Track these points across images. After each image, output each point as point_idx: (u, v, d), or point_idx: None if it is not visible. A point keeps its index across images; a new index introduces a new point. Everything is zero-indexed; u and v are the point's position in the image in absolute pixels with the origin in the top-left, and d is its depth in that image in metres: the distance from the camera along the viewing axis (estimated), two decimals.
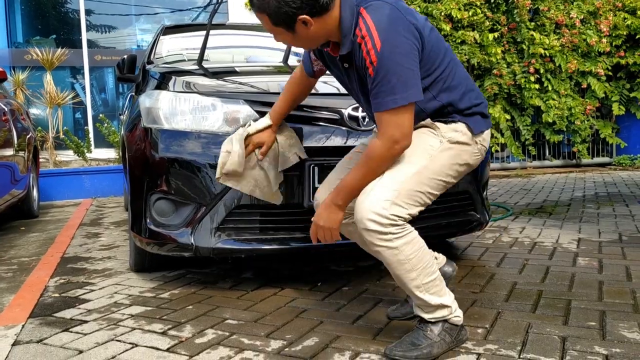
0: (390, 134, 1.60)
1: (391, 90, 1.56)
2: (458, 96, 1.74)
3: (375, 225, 1.59)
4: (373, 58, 1.55)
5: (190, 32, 4.14)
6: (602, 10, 8.57)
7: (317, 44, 1.71)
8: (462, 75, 1.79)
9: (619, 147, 9.08)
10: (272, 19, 1.60)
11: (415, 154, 1.69)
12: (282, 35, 1.67)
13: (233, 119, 2.36)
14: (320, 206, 1.77)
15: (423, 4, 7.67)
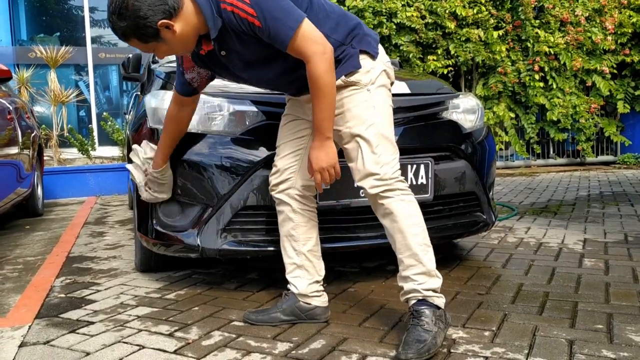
0: (312, 50, 1.71)
1: (282, 23, 1.68)
2: (334, 22, 1.87)
3: (384, 187, 1.81)
4: (250, 11, 1.67)
5: None
6: (607, 8, 8.53)
7: (192, 42, 1.78)
8: (333, 8, 1.92)
9: (624, 146, 9.05)
10: (140, 38, 1.70)
11: (364, 117, 1.85)
12: (158, 49, 1.76)
13: (240, 120, 2.35)
14: (312, 152, 1.84)
15: (427, 1, 7.65)
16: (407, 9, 7.52)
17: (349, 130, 1.86)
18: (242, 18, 1.69)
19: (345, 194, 2.30)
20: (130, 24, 1.66)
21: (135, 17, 1.65)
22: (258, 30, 1.71)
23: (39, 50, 6.73)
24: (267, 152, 2.26)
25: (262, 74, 1.93)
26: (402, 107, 2.44)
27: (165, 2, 1.66)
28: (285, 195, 2.05)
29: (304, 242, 2.05)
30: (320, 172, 1.84)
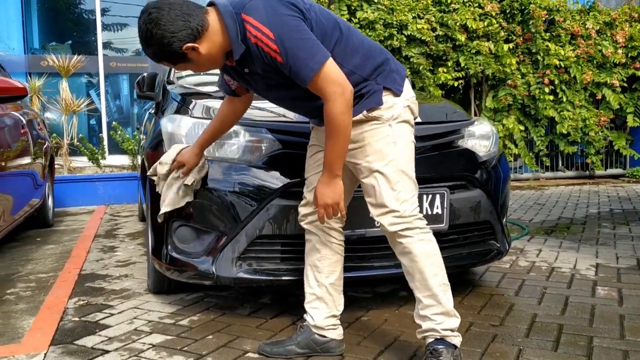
0: (332, 91, 1.72)
1: (304, 63, 1.69)
2: (361, 57, 1.87)
3: (403, 225, 1.82)
4: (273, 47, 1.69)
5: None
6: (618, 21, 8.52)
7: (219, 61, 1.83)
8: (362, 42, 1.91)
9: (633, 159, 9.01)
10: (169, 60, 1.77)
11: (384, 152, 1.85)
12: (188, 67, 1.83)
13: (255, 148, 2.36)
14: (319, 187, 1.86)
15: (438, 14, 7.65)
16: (417, 21, 7.52)
17: (369, 165, 1.86)
18: (265, 52, 1.71)
19: (360, 224, 2.30)
20: (157, 51, 1.74)
21: (161, 44, 1.71)
22: (280, 65, 1.73)
23: (52, 59, 6.76)
24: (283, 181, 2.26)
25: (283, 96, 1.96)
26: (418, 136, 2.43)
27: (189, 27, 1.70)
28: (314, 226, 2.06)
29: (327, 274, 2.05)
30: (324, 208, 1.86)
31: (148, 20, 1.70)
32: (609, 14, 8.58)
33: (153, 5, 1.72)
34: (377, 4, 7.39)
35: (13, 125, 4.07)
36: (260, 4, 1.72)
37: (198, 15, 1.72)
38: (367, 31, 7.26)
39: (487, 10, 7.82)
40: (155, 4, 1.72)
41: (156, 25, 1.68)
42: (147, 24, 1.70)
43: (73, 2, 7.90)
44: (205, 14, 1.75)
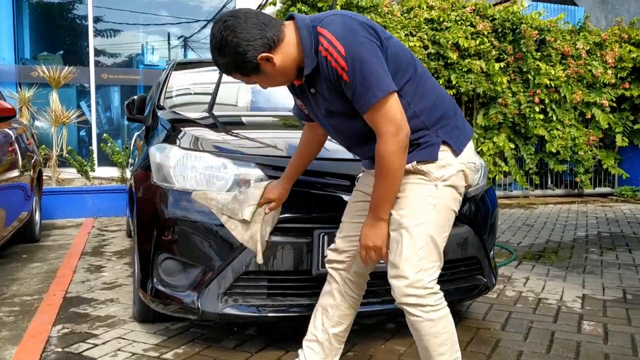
0: (386, 129, 1.66)
1: (368, 87, 1.63)
2: (430, 103, 1.79)
3: (414, 299, 1.71)
4: (342, 64, 1.63)
5: (202, 68, 4.14)
6: (608, 42, 8.62)
7: (290, 76, 1.77)
8: (433, 86, 1.84)
9: (621, 178, 9.09)
10: (241, 72, 1.73)
11: (420, 211, 1.74)
12: (260, 81, 1.78)
13: (244, 182, 2.35)
14: (364, 227, 1.80)
15: (430, 32, 7.69)
16: (410, 39, 7.56)
17: (399, 219, 1.76)
18: (333, 67, 1.66)
19: None
20: (231, 60, 1.69)
21: (235, 53, 1.67)
22: (344, 84, 1.68)
23: (42, 70, 6.72)
24: None
25: (341, 127, 1.87)
26: None
27: (264, 36, 1.66)
28: (338, 274, 2.03)
29: (334, 324, 2.04)
30: (365, 250, 1.81)
31: (224, 28, 1.66)
32: (599, 35, 8.68)
33: (229, 14, 1.69)
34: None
35: (2, 141, 4.04)
36: (339, 20, 1.68)
37: (274, 25, 1.70)
38: None
39: (479, 29, 7.88)
40: (231, 13, 1.70)
41: (232, 33, 1.65)
42: (223, 31, 1.66)
43: (65, 12, 7.87)
44: (282, 25, 1.73)
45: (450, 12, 7.90)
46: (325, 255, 2.11)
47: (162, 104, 3.32)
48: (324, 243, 2.24)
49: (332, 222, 2.28)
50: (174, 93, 3.58)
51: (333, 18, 1.69)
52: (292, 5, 7.09)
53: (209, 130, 2.74)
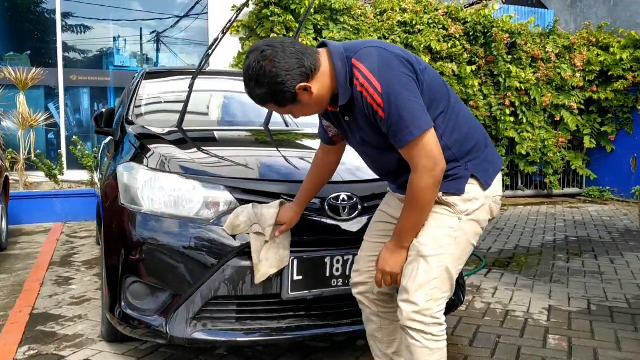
0: (422, 164, 1.65)
1: (405, 125, 1.62)
2: (462, 135, 1.79)
3: (419, 325, 1.70)
4: (378, 100, 1.63)
5: (173, 77, 4.09)
6: (576, 45, 8.76)
7: (325, 104, 1.77)
8: (466, 118, 1.84)
9: (589, 179, 9.29)
10: (277, 103, 1.70)
11: (440, 242, 1.74)
12: (296, 111, 1.76)
13: (213, 205, 2.33)
14: (384, 251, 1.82)
15: (403, 34, 7.73)
16: None
17: (419, 245, 1.75)
18: (369, 103, 1.66)
19: (317, 285, 2.30)
20: (269, 91, 1.66)
21: (273, 83, 1.64)
22: (380, 120, 1.67)
23: (8, 72, 6.56)
24: (240, 242, 2.24)
25: (375, 156, 1.88)
26: (376, 194, 2.45)
27: (302, 65, 1.65)
28: (365, 298, 2.05)
29: (387, 344, 2.08)
30: (382, 274, 1.83)
31: (261, 58, 1.63)
32: (568, 38, 8.83)
33: (265, 44, 1.67)
34: (343, 23, 7.42)
35: None
36: (375, 53, 1.66)
37: (311, 54, 1.68)
38: None
39: (451, 32, 7.95)
40: (267, 42, 1.67)
41: (271, 63, 1.62)
42: (260, 61, 1.63)
43: (33, 12, 7.68)
44: (317, 54, 1.71)
45: (423, 14, 7.95)
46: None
47: (130, 118, 3.27)
48: (293, 268, 2.24)
49: (301, 246, 2.29)
50: (143, 105, 3.53)
51: (369, 51, 1.67)
52: (265, 8, 7.05)
53: (178, 148, 2.71)
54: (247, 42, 7.32)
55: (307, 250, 2.28)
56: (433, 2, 8.23)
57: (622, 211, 7.69)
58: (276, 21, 7.01)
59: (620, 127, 8.88)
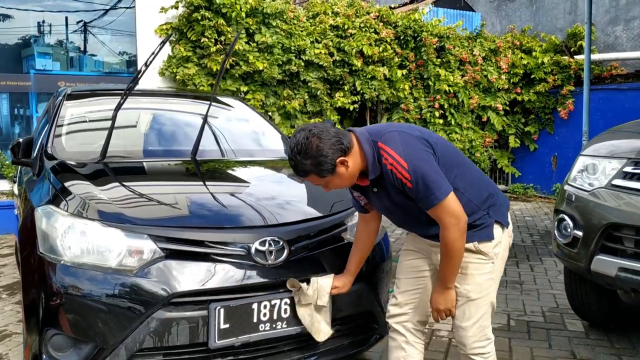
0: (448, 221, 2.01)
1: (430, 192, 1.98)
2: (477, 188, 2.18)
3: (480, 349, 2.18)
4: (406, 175, 1.99)
5: (97, 99, 3.93)
6: (502, 48, 9.09)
7: (355, 176, 2.10)
8: (476, 174, 2.23)
9: (514, 176, 9.72)
10: (319, 174, 2.03)
11: (483, 286, 2.17)
12: (332, 182, 2.08)
13: (136, 254, 2.29)
14: (434, 295, 2.18)
15: (336, 39, 7.78)
16: (315, 46, 7.61)
17: (467, 293, 2.16)
18: (398, 178, 2.00)
19: (244, 331, 2.31)
20: (314, 162, 1.99)
21: (319, 155, 1.98)
22: (408, 190, 2.01)
23: None
24: (166, 292, 2.22)
25: (404, 217, 2.23)
26: (303, 235, 2.49)
27: (341, 142, 2.00)
28: (402, 326, 2.31)
29: None
30: (437, 312, 2.18)
31: (310, 135, 1.98)
32: (494, 41, 9.14)
33: (311, 125, 2.03)
34: (275, 27, 7.38)
35: None
36: (398, 137, 2.03)
37: (345, 135, 2.04)
38: (265, 55, 7.25)
39: (383, 36, 8.07)
40: (313, 125, 2.04)
41: (318, 139, 1.97)
42: (310, 137, 1.97)
43: None
44: (350, 135, 2.06)
45: (355, 18, 8.02)
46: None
47: (50, 150, 3.13)
48: (220, 317, 2.24)
49: (228, 293, 2.29)
50: (64, 133, 3.38)
51: (392, 135, 2.04)
52: (195, 11, 6.91)
53: (101, 188, 2.63)
54: (176, 45, 7.15)
55: (234, 297, 2.29)
56: (365, 5, 8.32)
57: (544, 209, 8.10)
58: (207, 25, 6.89)
59: (542, 127, 9.31)
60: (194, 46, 7.10)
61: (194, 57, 7.05)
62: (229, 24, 7.07)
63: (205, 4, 6.89)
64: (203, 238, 2.32)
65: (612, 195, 2.84)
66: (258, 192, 2.96)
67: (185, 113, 3.99)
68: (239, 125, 3.94)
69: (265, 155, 3.57)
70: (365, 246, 2.43)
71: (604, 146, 3.15)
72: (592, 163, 3.06)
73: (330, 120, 8.05)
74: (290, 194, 3.02)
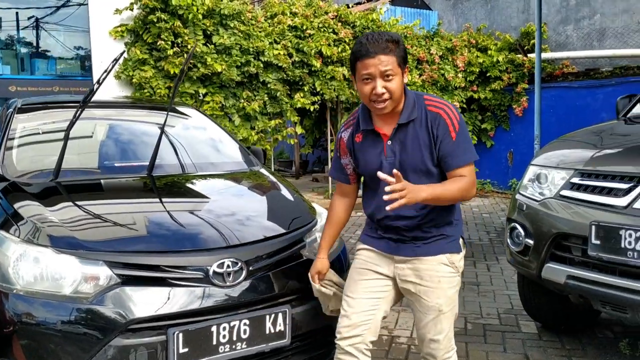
0: (472, 180, 2.09)
1: (469, 148, 2.08)
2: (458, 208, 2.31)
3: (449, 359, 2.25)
4: (455, 124, 2.05)
5: (51, 111, 3.81)
6: (458, 47, 9.24)
7: (399, 99, 2.08)
8: None
9: None
10: (400, 58, 2.03)
11: (452, 299, 2.22)
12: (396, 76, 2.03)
13: (91, 280, 2.26)
14: (417, 188, 1.96)
15: (294, 39, 7.77)
16: (274, 47, 7.58)
17: (439, 307, 2.18)
18: (445, 123, 2.04)
19: (204, 354, 2.31)
20: (402, 47, 2.07)
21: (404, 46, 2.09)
22: (443, 141, 2.04)
23: None
24: (124, 320, 2.20)
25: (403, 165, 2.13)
26: (261, 255, 2.50)
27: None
28: (354, 348, 2.24)
29: None
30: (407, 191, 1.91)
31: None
32: (451, 40, 9.29)
33: None
34: (233, 28, 7.32)
35: None
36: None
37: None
38: (223, 56, 7.19)
39: (341, 37, 8.10)
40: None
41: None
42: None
43: None
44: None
45: (313, 18, 8.02)
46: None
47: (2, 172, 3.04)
48: (178, 342, 2.24)
49: (186, 317, 2.29)
50: (15, 147, 3.29)
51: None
52: (151, 13, 6.79)
53: (54, 211, 2.58)
54: (132, 47, 7.02)
55: (193, 321, 2.29)
56: (323, 5, 8.33)
57: (501, 205, 8.31)
58: (163, 27, 6.79)
59: (498, 124, 9.53)
60: (150, 48, 6.98)
61: (150, 60, 6.94)
62: (185, 25, 6.98)
63: (161, 6, 6.79)
64: (160, 263, 2.31)
65: (560, 206, 2.94)
66: (217, 209, 2.96)
67: (142, 124, 3.92)
68: (197, 135, 3.90)
69: (224, 167, 3.55)
70: (340, 220, 2.43)
71: (553, 155, 3.26)
72: (541, 172, 3.16)
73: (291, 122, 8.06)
74: (250, 208, 3.02)
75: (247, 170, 3.55)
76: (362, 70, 2.04)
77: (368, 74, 2.02)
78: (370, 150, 2.19)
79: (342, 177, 2.35)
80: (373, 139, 2.18)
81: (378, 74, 2.00)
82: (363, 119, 2.20)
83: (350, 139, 2.26)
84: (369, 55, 2.00)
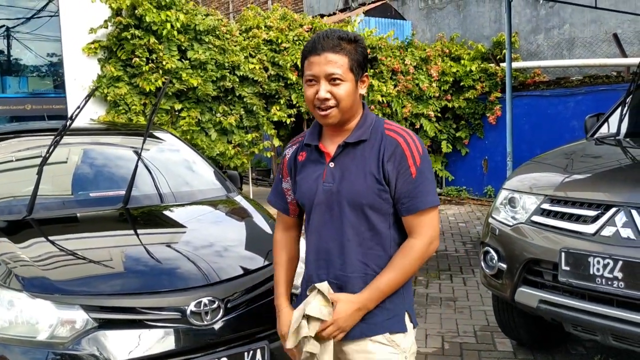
0: (430, 234, 1.73)
1: (432, 191, 1.73)
2: None
3: None
4: (417, 159, 1.70)
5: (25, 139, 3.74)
6: (432, 57, 9.35)
7: (353, 107, 1.75)
8: None
9: (447, 180, 10.04)
10: (354, 60, 1.70)
11: None
12: (345, 79, 1.69)
13: (67, 324, 2.25)
14: (345, 308, 1.69)
15: (270, 53, 7.78)
16: (250, 60, 7.58)
17: None
18: (404, 155, 1.68)
19: None
20: (359, 48, 1.73)
21: (365, 49, 1.76)
22: (405, 179, 1.69)
23: None
24: None
25: (341, 219, 1.74)
26: (238, 292, 2.52)
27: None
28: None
29: None
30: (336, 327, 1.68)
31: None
32: (425, 50, 9.39)
33: None
34: (208, 43, 7.30)
35: None
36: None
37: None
38: (199, 71, 7.16)
39: None
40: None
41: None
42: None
43: None
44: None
45: (288, 32, 8.04)
46: None
47: None
48: None
49: (164, 358, 2.30)
50: None
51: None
52: (125, 30, 6.74)
53: (28, 252, 2.56)
54: (106, 63, 6.95)
55: None
56: (297, 18, 8.36)
57: (477, 213, 8.42)
58: (138, 44, 6.74)
59: (472, 132, 9.66)
60: (124, 65, 6.93)
61: (125, 77, 6.88)
62: (160, 41, 6.93)
63: (135, 22, 6.74)
64: (137, 305, 2.32)
65: (532, 231, 3.01)
66: (194, 240, 2.98)
67: (117, 150, 3.91)
68: (172, 162, 3.88)
69: (201, 195, 3.54)
70: (292, 257, 1.95)
71: (525, 179, 3.33)
72: (513, 197, 3.23)
73: (268, 135, 8.06)
74: (228, 238, 3.03)
75: (225, 198, 3.55)
76: (306, 70, 1.72)
77: (312, 75, 1.69)
78: (309, 172, 1.81)
79: (281, 204, 1.94)
80: (316, 159, 1.80)
81: (323, 75, 1.67)
82: (310, 133, 1.83)
83: (293, 157, 1.87)
84: (315, 52, 1.68)
